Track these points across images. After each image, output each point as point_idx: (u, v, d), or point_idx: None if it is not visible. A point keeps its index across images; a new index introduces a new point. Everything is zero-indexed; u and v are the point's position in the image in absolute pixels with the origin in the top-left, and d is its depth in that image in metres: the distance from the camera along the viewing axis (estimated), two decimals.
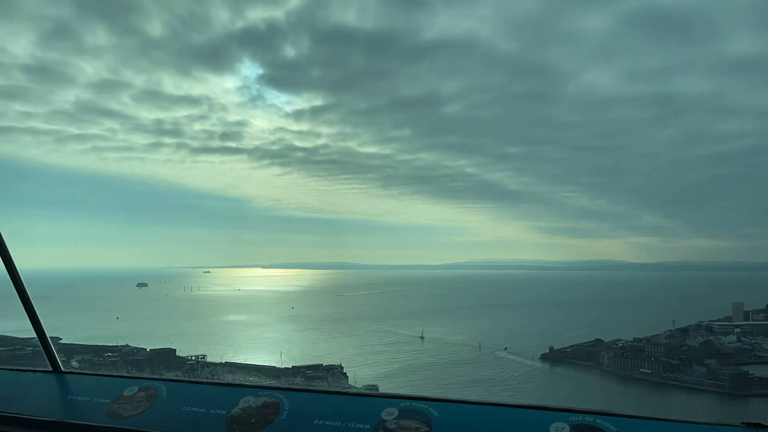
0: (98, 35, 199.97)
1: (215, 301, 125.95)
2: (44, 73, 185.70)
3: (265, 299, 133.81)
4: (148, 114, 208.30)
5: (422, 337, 75.87)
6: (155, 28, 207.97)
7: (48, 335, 3.41)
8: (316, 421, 2.50)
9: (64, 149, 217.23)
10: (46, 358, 3.38)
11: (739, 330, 57.39)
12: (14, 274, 3.33)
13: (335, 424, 2.45)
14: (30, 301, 3.36)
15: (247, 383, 2.90)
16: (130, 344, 53.30)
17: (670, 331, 60.66)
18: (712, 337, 56.80)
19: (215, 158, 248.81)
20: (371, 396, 2.66)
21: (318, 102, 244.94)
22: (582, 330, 68.94)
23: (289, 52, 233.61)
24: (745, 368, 48.08)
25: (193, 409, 2.75)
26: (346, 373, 48.70)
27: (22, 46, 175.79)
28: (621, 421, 2.14)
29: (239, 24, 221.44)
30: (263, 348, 64.18)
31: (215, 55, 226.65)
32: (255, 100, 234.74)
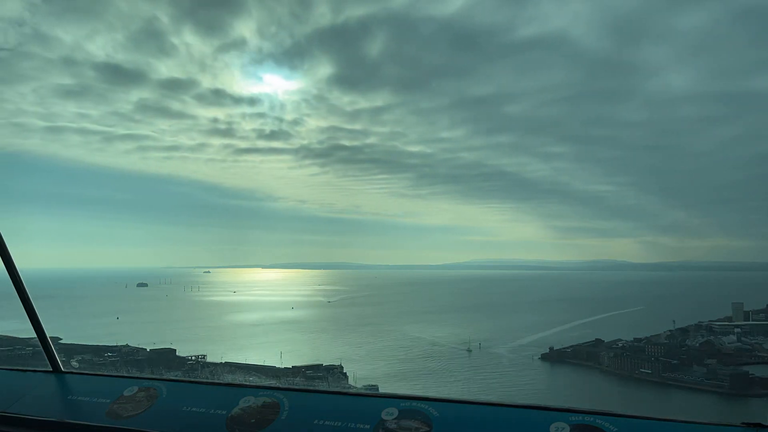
0: (184, 35, 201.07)
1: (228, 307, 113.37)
2: (117, 73, 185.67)
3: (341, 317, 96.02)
4: (205, 113, 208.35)
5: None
6: (240, 28, 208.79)
7: (48, 335, 3.41)
8: (316, 421, 2.50)
9: (109, 149, 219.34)
10: (46, 358, 3.38)
11: (739, 330, 57.38)
12: (14, 274, 3.33)
13: (335, 424, 2.46)
14: (30, 301, 3.37)
15: (247, 383, 2.90)
16: (130, 344, 53.33)
17: (670, 331, 60.67)
18: (712, 337, 56.79)
19: (257, 158, 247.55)
20: (371, 396, 2.67)
21: (379, 102, 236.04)
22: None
23: (367, 50, 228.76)
24: (745, 368, 48.08)
25: (193, 409, 2.75)
26: (346, 373, 48.70)
27: (100, 44, 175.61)
28: (621, 421, 2.14)
29: (323, 21, 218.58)
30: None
31: (287, 55, 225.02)
32: (317, 99, 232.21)
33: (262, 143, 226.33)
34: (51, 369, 3.37)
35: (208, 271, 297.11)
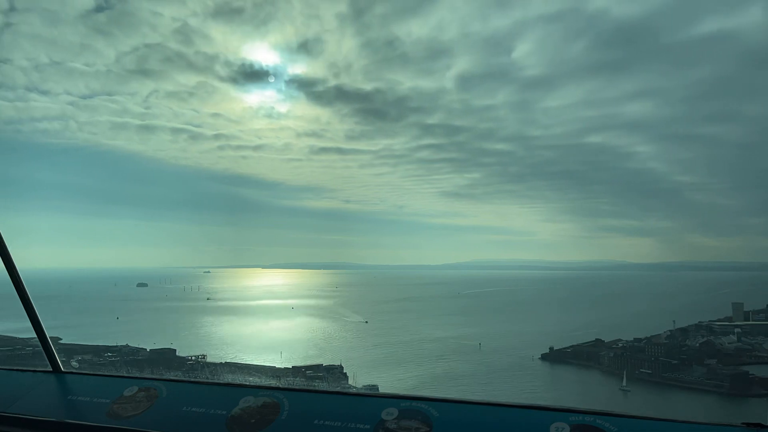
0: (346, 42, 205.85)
1: None
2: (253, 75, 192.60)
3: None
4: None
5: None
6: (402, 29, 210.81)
7: (48, 335, 3.41)
8: (316, 421, 2.50)
9: (191, 148, 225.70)
10: (46, 358, 3.38)
11: (739, 330, 57.39)
12: (14, 274, 3.33)
13: (335, 424, 2.46)
14: (30, 301, 3.37)
15: (247, 383, 2.90)
16: (130, 344, 53.35)
17: (670, 331, 60.68)
18: (712, 337, 56.81)
19: (338, 157, 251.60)
20: (371, 396, 2.67)
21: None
22: None
23: (516, 52, 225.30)
24: (745, 368, 48.08)
25: (193, 409, 2.75)
26: (346, 373, 48.70)
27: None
28: (621, 421, 2.14)
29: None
30: None
31: (431, 56, 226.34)
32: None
33: (348, 144, 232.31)
34: (51, 369, 3.37)
35: (208, 272, 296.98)
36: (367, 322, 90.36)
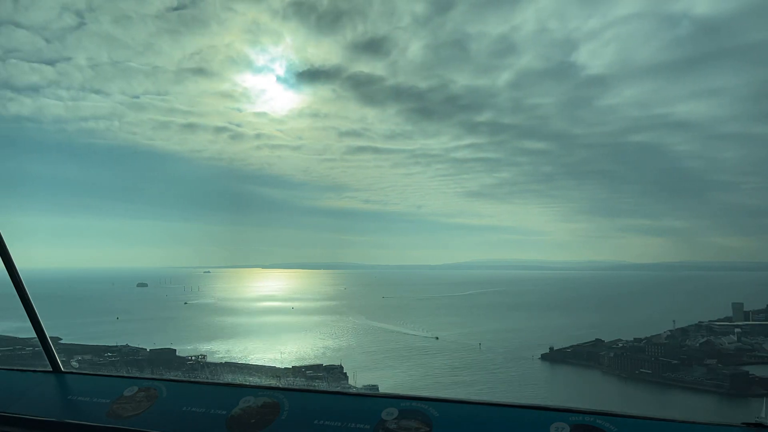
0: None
1: None
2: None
3: None
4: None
5: None
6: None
7: (48, 335, 3.41)
8: (316, 421, 2.50)
9: (228, 148, 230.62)
10: (46, 358, 3.38)
11: (739, 330, 57.40)
12: (14, 274, 3.33)
13: (335, 424, 2.45)
14: (30, 301, 3.37)
15: (247, 383, 2.90)
16: (130, 344, 53.37)
17: (670, 331, 60.72)
18: (712, 337, 56.82)
19: (371, 156, 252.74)
20: (371, 396, 2.66)
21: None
22: None
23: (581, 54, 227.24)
24: (745, 368, 48.10)
25: (193, 409, 2.75)
26: (346, 373, 48.70)
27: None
28: (621, 421, 2.14)
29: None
30: None
31: (495, 54, 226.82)
32: None
33: (385, 144, 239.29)
34: (51, 369, 3.37)
35: (208, 272, 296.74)
36: (437, 338, 75.74)
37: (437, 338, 75.65)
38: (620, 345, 57.99)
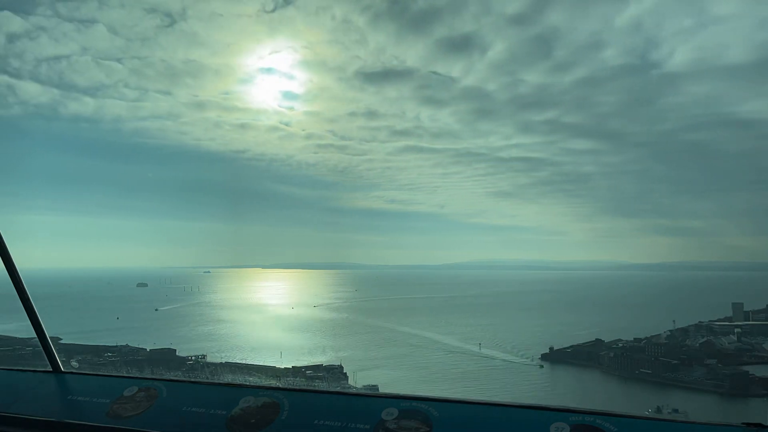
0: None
1: None
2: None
3: None
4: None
5: None
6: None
7: (48, 335, 3.41)
8: (316, 421, 2.50)
9: (277, 150, 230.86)
10: (46, 358, 3.38)
11: (739, 330, 57.38)
12: (14, 274, 3.34)
13: (335, 424, 2.46)
14: (30, 301, 3.37)
15: (247, 383, 2.90)
16: (130, 344, 53.37)
17: (670, 331, 60.72)
18: (712, 337, 56.81)
19: (414, 156, 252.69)
20: (371, 396, 2.67)
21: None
22: None
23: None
24: (745, 368, 48.07)
25: (193, 409, 2.75)
26: (346, 373, 48.69)
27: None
28: (621, 421, 2.14)
29: None
30: None
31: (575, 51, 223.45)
32: None
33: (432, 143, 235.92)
34: (51, 369, 3.37)
35: (208, 272, 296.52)
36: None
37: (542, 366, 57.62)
38: (620, 345, 57.99)
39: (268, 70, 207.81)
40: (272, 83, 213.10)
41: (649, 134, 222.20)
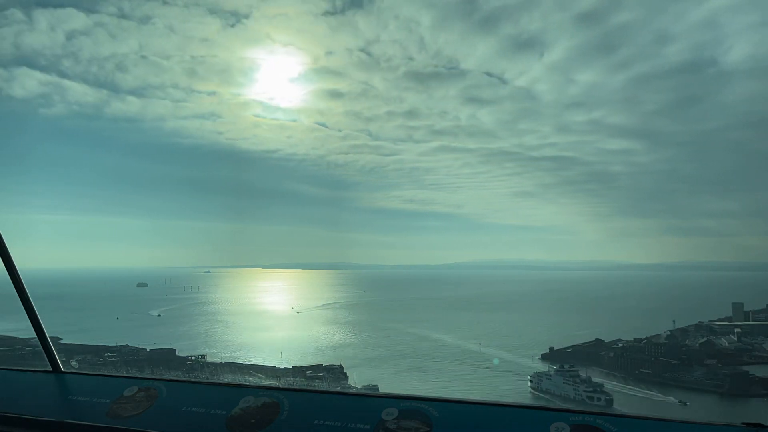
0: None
1: None
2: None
3: None
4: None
5: None
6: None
7: (48, 335, 3.41)
8: (316, 421, 2.50)
9: (312, 150, 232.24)
10: (46, 358, 3.38)
11: (739, 330, 57.37)
12: (14, 274, 3.34)
13: (335, 424, 2.46)
14: (30, 301, 3.37)
15: (247, 383, 2.90)
16: (130, 344, 53.35)
17: (670, 331, 60.71)
18: (712, 337, 56.81)
19: (444, 156, 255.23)
20: (371, 396, 2.67)
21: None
22: None
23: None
24: (745, 368, 48.07)
25: (193, 409, 2.75)
26: (346, 373, 48.67)
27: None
28: (621, 421, 2.14)
29: None
30: None
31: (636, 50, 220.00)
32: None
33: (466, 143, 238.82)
34: (51, 369, 3.37)
35: (208, 272, 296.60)
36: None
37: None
38: (620, 345, 57.98)
39: (319, 70, 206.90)
40: (320, 83, 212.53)
41: (689, 133, 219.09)
